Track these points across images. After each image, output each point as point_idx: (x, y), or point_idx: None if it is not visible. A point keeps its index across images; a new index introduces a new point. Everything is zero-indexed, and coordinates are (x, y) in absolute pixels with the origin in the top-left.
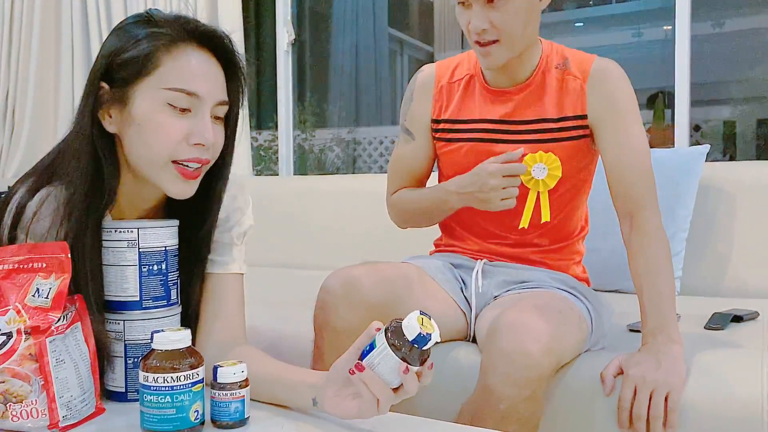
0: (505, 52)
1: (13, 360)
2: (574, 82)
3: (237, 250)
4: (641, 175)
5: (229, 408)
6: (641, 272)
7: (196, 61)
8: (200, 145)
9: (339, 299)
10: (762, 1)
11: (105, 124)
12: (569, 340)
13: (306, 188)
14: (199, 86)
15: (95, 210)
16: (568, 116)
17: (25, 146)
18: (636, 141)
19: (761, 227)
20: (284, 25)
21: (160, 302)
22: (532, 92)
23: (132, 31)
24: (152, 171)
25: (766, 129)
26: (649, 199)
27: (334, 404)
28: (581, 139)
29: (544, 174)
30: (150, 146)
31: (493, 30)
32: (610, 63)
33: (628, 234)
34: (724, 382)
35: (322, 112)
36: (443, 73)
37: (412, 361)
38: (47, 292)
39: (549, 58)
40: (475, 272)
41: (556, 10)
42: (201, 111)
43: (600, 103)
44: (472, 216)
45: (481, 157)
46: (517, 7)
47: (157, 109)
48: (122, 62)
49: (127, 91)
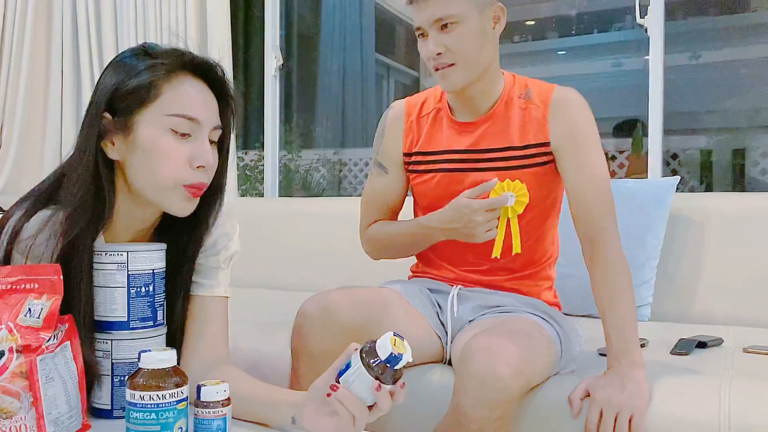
0: (462, 74)
1: (4, 377)
2: (536, 111)
3: (223, 274)
4: (601, 200)
5: (211, 426)
6: (603, 297)
7: (193, 89)
8: (202, 168)
9: (316, 323)
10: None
11: (108, 151)
12: (539, 364)
13: (290, 210)
14: (198, 112)
15: (92, 233)
16: (531, 144)
17: (11, 165)
18: (596, 168)
19: (728, 257)
20: (272, 50)
21: (147, 323)
22: (495, 122)
23: (132, 64)
24: (157, 193)
25: (741, 158)
26: (609, 223)
27: (313, 422)
28: (546, 165)
29: (512, 201)
30: (156, 170)
31: (448, 53)
32: (571, 92)
33: (589, 258)
34: (685, 405)
35: (308, 133)
36: (412, 109)
37: (385, 380)
38: (39, 312)
39: (511, 90)
40: (451, 297)
41: (540, 39)
42: (200, 135)
43: (561, 131)
44: (447, 245)
45: (451, 186)
46: (469, 30)
47: (160, 135)
48: (125, 93)
49: (130, 120)
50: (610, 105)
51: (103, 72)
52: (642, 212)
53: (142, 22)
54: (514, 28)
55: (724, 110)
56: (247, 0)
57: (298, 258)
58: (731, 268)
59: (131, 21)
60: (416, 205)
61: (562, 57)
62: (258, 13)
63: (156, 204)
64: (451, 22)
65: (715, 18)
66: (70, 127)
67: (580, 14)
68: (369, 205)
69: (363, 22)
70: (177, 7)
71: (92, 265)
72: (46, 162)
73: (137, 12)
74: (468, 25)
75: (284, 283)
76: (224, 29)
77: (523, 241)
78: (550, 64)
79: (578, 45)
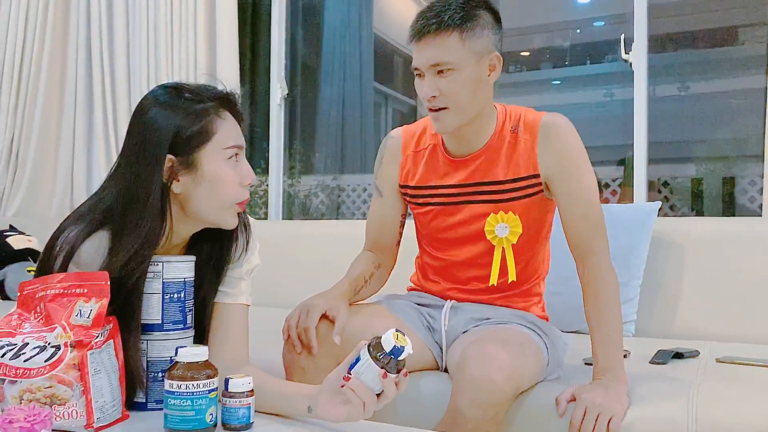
0: (454, 118)
1: (60, 368)
2: (524, 143)
3: (245, 284)
4: (591, 224)
5: (237, 413)
6: (592, 315)
7: (231, 121)
8: (249, 185)
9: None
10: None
11: (174, 187)
12: (528, 370)
13: (294, 232)
14: (240, 139)
15: (149, 255)
16: (521, 177)
17: (26, 187)
18: (586, 193)
19: (707, 276)
20: (278, 81)
21: (178, 326)
22: (487, 158)
23: (184, 106)
24: (218, 214)
25: (731, 186)
26: (599, 246)
27: (327, 410)
28: (537, 195)
29: (506, 232)
30: (219, 197)
31: (442, 97)
32: (557, 118)
33: (582, 276)
34: (657, 405)
35: (308, 160)
36: (409, 141)
37: (390, 369)
38: (88, 313)
39: (504, 125)
40: (444, 311)
41: (534, 70)
42: (242, 157)
43: (550, 159)
44: (446, 266)
45: (447, 219)
46: (464, 77)
47: (221, 167)
48: (187, 137)
49: (193, 159)
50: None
51: (144, 112)
52: (626, 234)
53: (154, 54)
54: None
55: (713, 139)
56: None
57: (301, 277)
58: (710, 287)
59: (143, 53)
60: (418, 232)
61: (556, 87)
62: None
63: (212, 222)
64: (447, 68)
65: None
66: (82, 154)
67: (573, 45)
68: (368, 226)
69: (362, 52)
70: (188, 39)
71: (145, 280)
72: (57, 187)
73: (149, 44)
74: (463, 73)
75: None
76: (233, 62)
77: (516, 264)
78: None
79: (571, 75)
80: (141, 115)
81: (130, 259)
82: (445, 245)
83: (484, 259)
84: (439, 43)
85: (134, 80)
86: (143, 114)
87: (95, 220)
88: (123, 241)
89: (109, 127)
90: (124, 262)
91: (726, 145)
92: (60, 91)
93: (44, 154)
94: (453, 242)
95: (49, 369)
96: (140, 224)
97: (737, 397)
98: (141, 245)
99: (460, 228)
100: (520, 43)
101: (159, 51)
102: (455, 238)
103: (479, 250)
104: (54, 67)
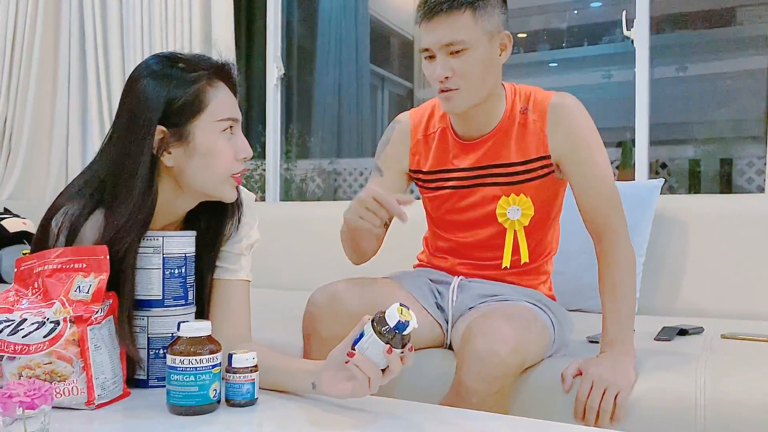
0: (465, 99)
1: (59, 344)
2: (534, 124)
3: (245, 260)
4: (606, 201)
5: (241, 389)
6: (606, 291)
7: (226, 92)
8: (245, 159)
9: (324, 311)
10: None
11: (165, 160)
12: (533, 345)
13: (291, 214)
14: (235, 112)
15: (140, 230)
16: (532, 158)
17: (20, 170)
18: (599, 170)
19: (710, 253)
20: (274, 61)
21: (179, 301)
22: (498, 140)
23: (175, 75)
24: (213, 187)
25: (728, 167)
26: (616, 223)
27: (331, 386)
28: (548, 176)
29: (518, 215)
30: (214, 170)
31: (454, 78)
32: (566, 98)
33: (599, 253)
34: (665, 382)
35: (304, 144)
36: (417, 126)
37: (395, 344)
38: (88, 288)
39: (514, 104)
40: (452, 288)
41: (531, 51)
42: (237, 130)
43: (560, 141)
44: (457, 246)
45: (459, 202)
46: (477, 57)
47: (215, 139)
48: (178, 107)
49: (185, 130)
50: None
51: (135, 81)
52: (629, 212)
53: (148, 35)
54: None
55: (711, 121)
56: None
57: (300, 259)
58: (713, 265)
59: (137, 34)
60: (428, 215)
61: (554, 69)
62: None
63: (210, 195)
64: (461, 48)
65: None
66: (76, 135)
67: (570, 27)
68: None
69: (358, 34)
70: (183, 19)
71: (137, 255)
72: (52, 169)
73: (143, 24)
74: (476, 52)
75: (286, 283)
76: (228, 40)
77: (528, 245)
78: (542, 75)
79: (569, 57)
80: (133, 85)
81: (118, 231)
82: (456, 228)
83: (495, 241)
84: (453, 21)
85: (128, 62)
86: (135, 84)
87: (92, 197)
88: (113, 215)
89: (103, 108)
90: (112, 235)
91: (724, 126)
92: (53, 72)
93: (38, 136)
94: (464, 225)
95: (48, 345)
96: (128, 197)
97: (745, 371)
98: (128, 218)
99: (471, 211)
100: (517, 25)
101: (153, 32)
102: (466, 220)
103: (491, 232)
104: (46, 47)
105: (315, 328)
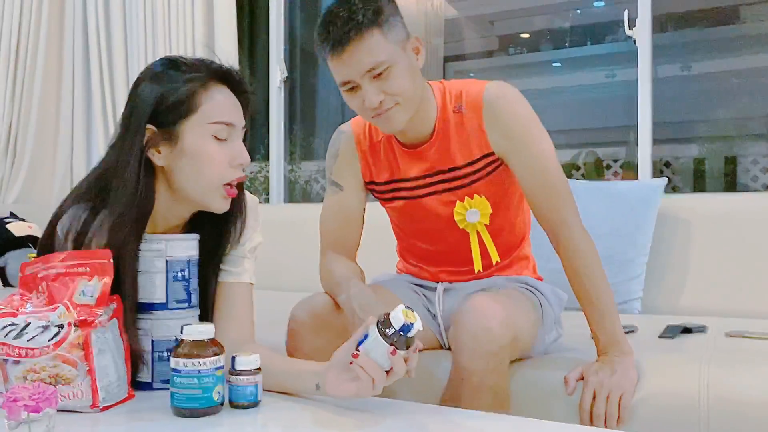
0: (405, 113)
1: (63, 348)
2: (471, 123)
3: (248, 262)
4: (555, 193)
5: (245, 391)
6: (580, 292)
7: (224, 96)
8: (241, 165)
9: (306, 328)
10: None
11: (154, 159)
12: (522, 318)
13: (295, 216)
14: (232, 117)
15: (137, 231)
16: (476, 158)
17: (25, 174)
18: (543, 161)
19: (713, 252)
20: (277, 64)
21: (182, 305)
22: (441, 145)
23: (169, 76)
24: (202, 193)
25: (733, 166)
26: (567, 214)
27: (336, 387)
28: (498, 169)
29: (477, 217)
30: (203, 174)
31: (388, 98)
32: (500, 89)
33: (558, 251)
34: (669, 381)
35: (308, 145)
36: (360, 136)
37: (400, 346)
38: (92, 292)
39: (445, 105)
40: (438, 295)
41: (534, 51)
42: (234, 136)
43: (500, 135)
44: (428, 254)
45: (414, 211)
46: (402, 70)
47: (205, 142)
48: (168, 107)
49: (175, 130)
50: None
51: (137, 84)
52: (632, 212)
53: (152, 40)
54: (509, 40)
55: (715, 119)
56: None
57: (305, 261)
58: (717, 263)
59: (141, 38)
60: (393, 224)
61: (557, 69)
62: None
63: (199, 203)
64: (384, 68)
65: (705, 30)
66: (81, 140)
67: (573, 27)
68: (326, 226)
69: None
70: (186, 22)
71: (137, 257)
72: (57, 173)
73: (146, 27)
74: (399, 66)
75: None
76: (231, 43)
77: (496, 243)
78: (545, 75)
79: (572, 57)
80: (135, 87)
81: (112, 227)
82: (421, 236)
83: (462, 245)
84: (365, 46)
85: (132, 66)
86: (137, 86)
87: (95, 198)
88: (110, 213)
89: (107, 111)
90: (109, 233)
91: (728, 125)
92: (57, 77)
93: (43, 140)
94: (428, 233)
95: (53, 348)
96: (120, 193)
97: (749, 370)
98: (121, 212)
99: (430, 219)
100: (520, 25)
101: (157, 36)
102: (429, 228)
103: (455, 237)
104: (51, 52)
105: (298, 346)
